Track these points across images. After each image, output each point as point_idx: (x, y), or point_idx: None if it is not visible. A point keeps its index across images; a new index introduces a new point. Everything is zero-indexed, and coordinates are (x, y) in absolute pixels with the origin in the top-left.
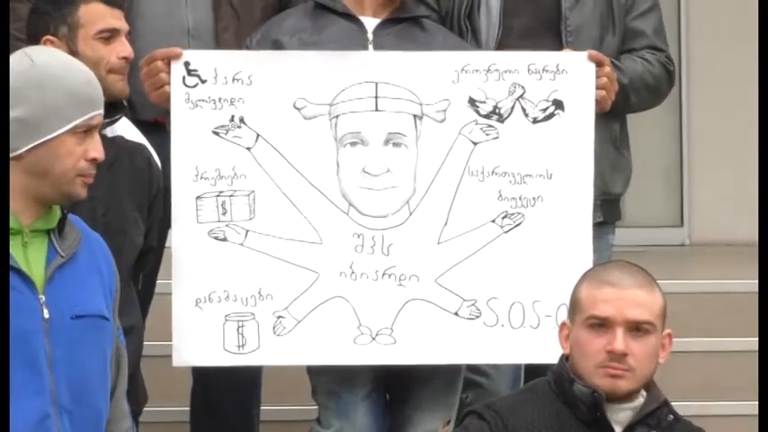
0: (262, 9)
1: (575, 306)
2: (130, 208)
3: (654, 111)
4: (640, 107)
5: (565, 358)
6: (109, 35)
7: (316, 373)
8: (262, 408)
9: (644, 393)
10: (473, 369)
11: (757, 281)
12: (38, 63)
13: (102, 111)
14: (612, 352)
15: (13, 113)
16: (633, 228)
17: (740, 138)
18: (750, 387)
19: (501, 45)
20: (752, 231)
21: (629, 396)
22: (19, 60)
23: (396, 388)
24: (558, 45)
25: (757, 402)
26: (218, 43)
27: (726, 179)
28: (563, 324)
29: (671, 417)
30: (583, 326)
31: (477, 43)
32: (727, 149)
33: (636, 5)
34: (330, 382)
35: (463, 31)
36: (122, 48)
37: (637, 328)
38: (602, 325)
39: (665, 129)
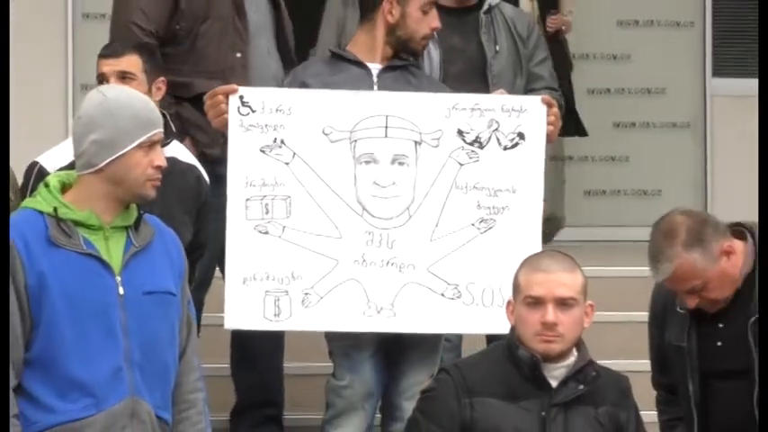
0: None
1: (516, 288)
2: (180, 212)
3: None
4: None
5: (513, 329)
6: (101, 79)
7: (332, 338)
8: (290, 364)
9: (575, 353)
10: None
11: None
12: (109, 97)
13: (161, 128)
14: (545, 323)
15: (91, 137)
16: None
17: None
18: None
19: None
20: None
21: (562, 356)
22: (94, 96)
23: (393, 350)
24: (485, 86)
25: None
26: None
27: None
28: (509, 302)
29: (594, 373)
30: (522, 304)
31: None
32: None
33: (535, 56)
34: (343, 346)
35: None
36: None
37: (563, 303)
38: (536, 302)
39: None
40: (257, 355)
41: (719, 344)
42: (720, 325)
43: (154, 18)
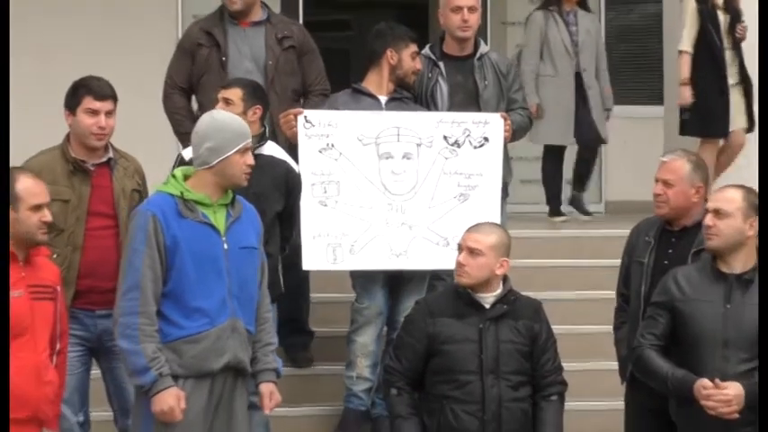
0: (292, 91)
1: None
2: (271, 191)
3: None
4: (517, 138)
5: None
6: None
7: (355, 276)
8: (324, 294)
9: (502, 286)
10: (434, 278)
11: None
12: (216, 118)
13: (250, 139)
14: (457, 262)
15: (206, 145)
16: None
17: (635, 151)
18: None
19: (449, 111)
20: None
21: (492, 288)
22: (206, 118)
23: (394, 284)
24: (478, 109)
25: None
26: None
27: (625, 178)
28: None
29: (513, 297)
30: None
31: (437, 110)
32: (627, 162)
33: (512, 87)
34: (363, 281)
35: (429, 104)
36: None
37: (471, 252)
38: (459, 249)
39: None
40: (289, 288)
41: (666, 262)
42: (670, 251)
43: (178, 78)
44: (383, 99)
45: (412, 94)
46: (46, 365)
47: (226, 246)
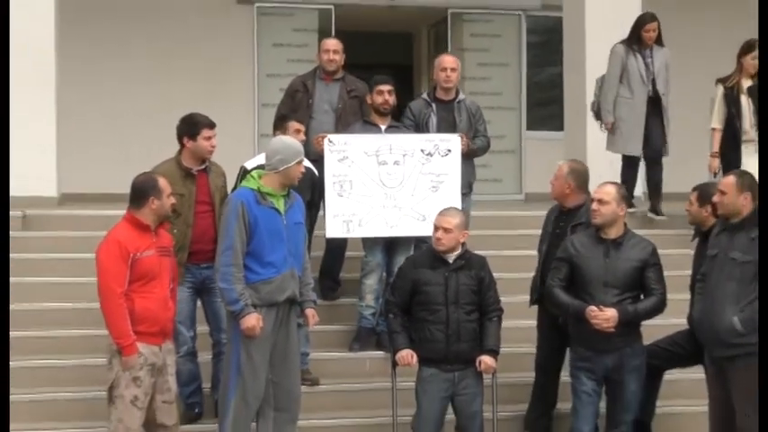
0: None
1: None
2: (302, 187)
3: (512, 157)
4: (479, 155)
5: None
6: (291, 130)
7: (364, 240)
8: (348, 252)
9: (461, 248)
10: (418, 242)
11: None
12: (284, 140)
13: (303, 156)
14: (437, 239)
15: (277, 157)
16: (506, 194)
17: (543, 159)
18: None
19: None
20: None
21: (454, 250)
22: (277, 139)
23: (390, 246)
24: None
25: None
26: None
27: (537, 179)
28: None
29: (468, 255)
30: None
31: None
32: (538, 169)
33: (478, 121)
34: (369, 244)
35: (423, 130)
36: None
37: (445, 230)
38: (436, 229)
39: (515, 163)
40: (330, 250)
41: (558, 231)
42: (561, 224)
43: (283, 111)
44: (383, 126)
45: (413, 122)
46: (168, 298)
47: (285, 222)
